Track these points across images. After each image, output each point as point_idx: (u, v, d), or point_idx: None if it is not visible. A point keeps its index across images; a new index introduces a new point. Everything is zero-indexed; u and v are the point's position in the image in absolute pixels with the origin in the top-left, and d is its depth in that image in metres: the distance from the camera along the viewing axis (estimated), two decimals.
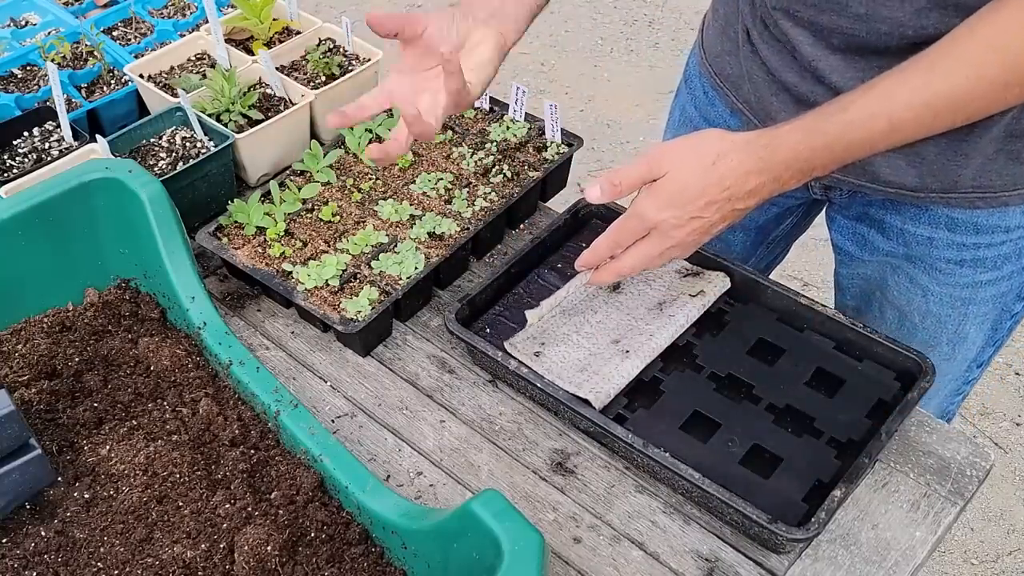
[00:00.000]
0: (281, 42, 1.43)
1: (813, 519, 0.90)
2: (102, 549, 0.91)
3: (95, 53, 1.44)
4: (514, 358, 1.04)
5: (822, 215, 1.38)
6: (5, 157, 1.27)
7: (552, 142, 1.29)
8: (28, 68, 1.45)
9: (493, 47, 1.03)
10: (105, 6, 1.58)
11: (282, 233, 1.17)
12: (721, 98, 1.25)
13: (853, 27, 0.97)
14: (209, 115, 1.28)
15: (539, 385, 1.01)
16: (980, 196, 1.06)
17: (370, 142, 1.29)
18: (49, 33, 1.50)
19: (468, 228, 1.18)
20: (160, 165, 1.24)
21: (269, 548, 0.88)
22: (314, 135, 1.36)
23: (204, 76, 1.35)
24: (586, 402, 1.00)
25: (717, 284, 1.12)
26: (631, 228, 0.96)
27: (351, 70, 1.38)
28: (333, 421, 1.07)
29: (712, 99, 1.27)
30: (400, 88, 1.03)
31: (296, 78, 1.37)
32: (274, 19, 1.45)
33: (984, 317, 1.18)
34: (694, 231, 0.94)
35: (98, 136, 1.21)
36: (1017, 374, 2.37)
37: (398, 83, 1.03)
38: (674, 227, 0.93)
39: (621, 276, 0.99)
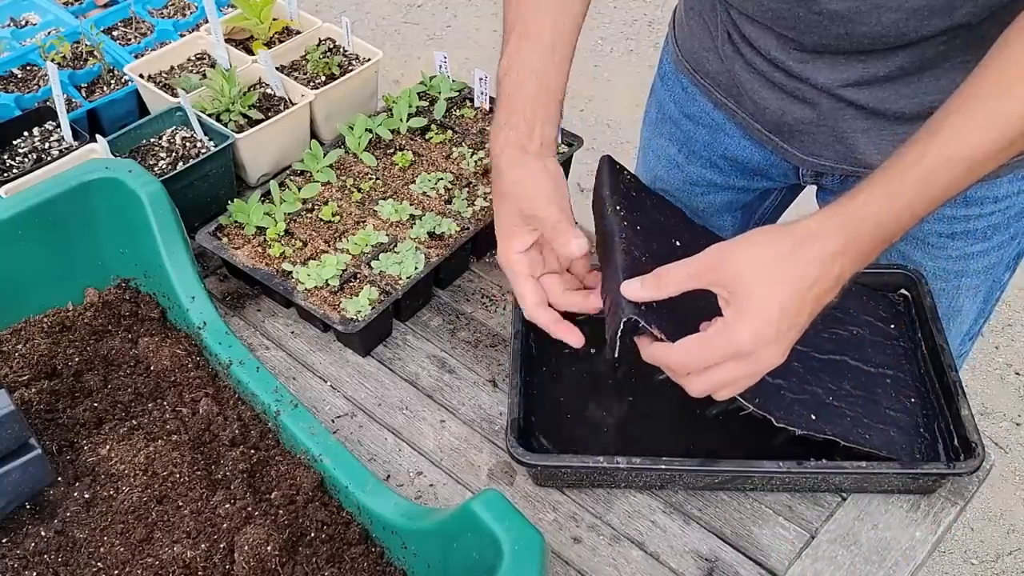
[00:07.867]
0: (281, 42, 1.43)
1: (976, 448, 0.92)
2: (102, 549, 0.91)
3: (95, 53, 1.44)
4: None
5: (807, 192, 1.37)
6: (5, 157, 1.27)
7: None
8: (28, 68, 1.45)
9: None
10: (105, 6, 1.58)
11: (282, 233, 1.17)
12: (703, 93, 1.24)
13: (836, 43, 0.97)
14: (209, 115, 1.28)
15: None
16: None
17: (370, 142, 1.29)
18: (49, 33, 1.50)
19: (468, 228, 1.18)
20: (160, 165, 1.24)
21: (269, 548, 0.88)
22: (314, 135, 1.36)
23: (204, 76, 1.35)
24: None
25: None
26: (720, 350, 0.81)
27: (351, 70, 1.38)
28: (333, 421, 1.07)
29: (692, 95, 1.26)
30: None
31: (296, 78, 1.37)
32: (274, 19, 1.45)
33: (976, 289, 1.19)
34: (789, 344, 0.81)
35: (98, 136, 1.21)
36: (1017, 374, 2.37)
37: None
38: (769, 347, 0.80)
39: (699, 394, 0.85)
